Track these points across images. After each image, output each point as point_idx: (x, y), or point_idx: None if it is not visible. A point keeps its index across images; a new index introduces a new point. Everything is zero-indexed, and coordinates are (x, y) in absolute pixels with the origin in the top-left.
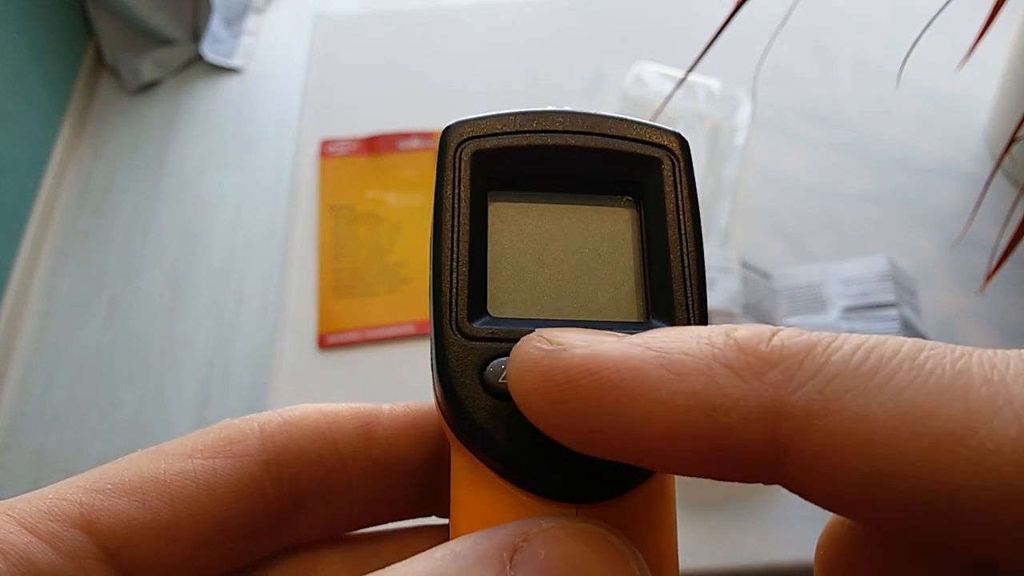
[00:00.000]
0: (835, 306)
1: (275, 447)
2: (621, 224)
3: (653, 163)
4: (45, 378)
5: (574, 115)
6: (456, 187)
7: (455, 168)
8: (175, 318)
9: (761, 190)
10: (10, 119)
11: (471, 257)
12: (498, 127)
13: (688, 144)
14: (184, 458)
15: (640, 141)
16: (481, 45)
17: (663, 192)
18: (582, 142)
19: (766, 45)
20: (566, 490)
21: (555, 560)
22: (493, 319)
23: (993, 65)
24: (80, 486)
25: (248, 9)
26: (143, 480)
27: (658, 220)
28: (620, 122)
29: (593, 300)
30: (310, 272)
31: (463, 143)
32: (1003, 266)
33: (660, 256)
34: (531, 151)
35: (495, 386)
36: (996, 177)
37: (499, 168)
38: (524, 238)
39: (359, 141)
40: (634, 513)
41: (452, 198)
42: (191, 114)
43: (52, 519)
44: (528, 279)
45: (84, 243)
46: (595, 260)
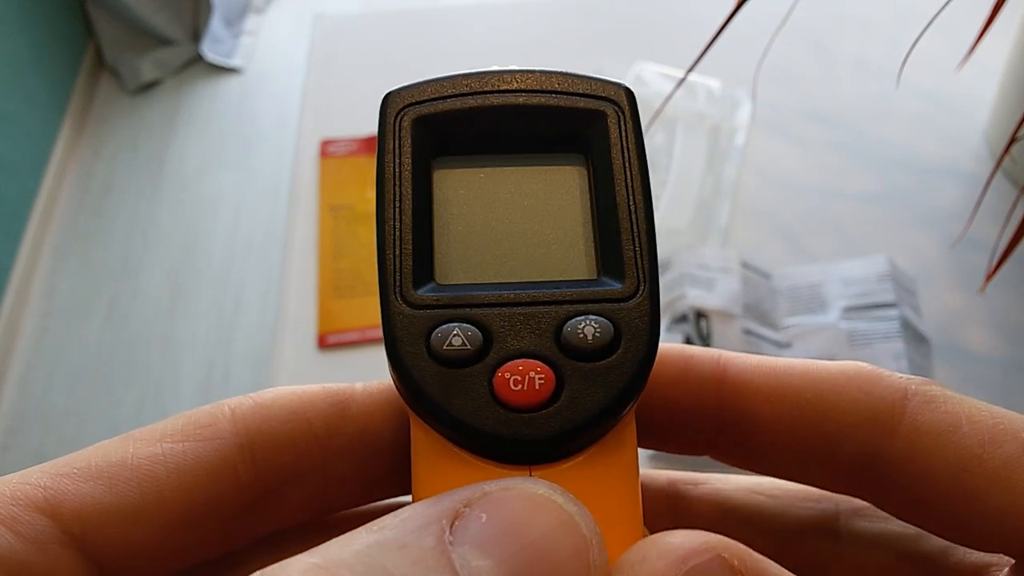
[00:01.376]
0: (835, 306)
1: (247, 429)
2: (569, 181)
3: (598, 116)
4: (45, 378)
5: (515, 73)
6: (397, 155)
7: (395, 136)
8: (175, 318)
9: (761, 190)
10: (10, 119)
11: (415, 225)
12: (438, 91)
13: (634, 95)
14: (153, 442)
15: (584, 95)
16: (481, 45)
17: (609, 146)
18: (525, 100)
19: (766, 45)
20: (518, 453)
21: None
22: (439, 286)
23: (993, 65)
24: (45, 471)
25: (248, 9)
26: (110, 464)
27: (605, 175)
28: (563, 77)
29: (543, 261)
30: (310, 272)
31: (403, 110)
32: (1003, 266)
33: (608, 211)
34: (473, 113)
35: (441, 353)
36: (996, 177)
37: (441, 133)
38: (470, 203)
39: (359, 141)
40: (589, 473)
41: (393, 166)
42: (191, 114)
43: (13, 503)
44: (475, 244)
45: (84, 243)
46: (544, 220)
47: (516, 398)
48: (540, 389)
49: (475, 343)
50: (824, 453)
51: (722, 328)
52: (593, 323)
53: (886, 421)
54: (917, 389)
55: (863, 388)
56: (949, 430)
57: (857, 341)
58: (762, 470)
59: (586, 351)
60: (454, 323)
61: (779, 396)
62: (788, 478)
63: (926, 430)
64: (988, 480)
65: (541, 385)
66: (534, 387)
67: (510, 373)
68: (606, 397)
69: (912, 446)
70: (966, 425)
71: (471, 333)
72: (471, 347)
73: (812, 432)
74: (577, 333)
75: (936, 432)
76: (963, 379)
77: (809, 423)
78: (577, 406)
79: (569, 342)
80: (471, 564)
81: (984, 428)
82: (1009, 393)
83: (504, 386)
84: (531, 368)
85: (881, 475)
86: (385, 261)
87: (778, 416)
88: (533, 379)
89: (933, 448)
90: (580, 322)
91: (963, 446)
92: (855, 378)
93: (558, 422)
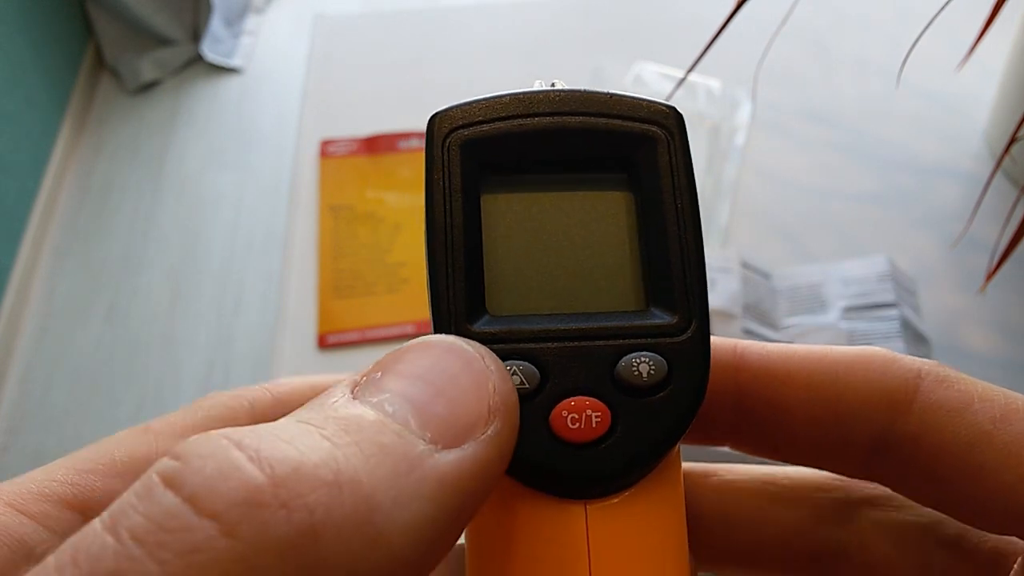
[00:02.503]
0: (835, 306)
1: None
2: (618, 207)
3: (647, 140)
4: (45, 378)
5: (563, 94)
6: (447, 180)
7: (444, 160)
8: (175, 318)
9: (761, 190)
10: (10, 119)
11: (467, 255)
12: (485, 113)
13: (683, 117)
14: (173, 437)
15: (634, 119)
16: (481, 45)
17: (658, 171)
18: (573, 123)
19: (766, 45)
20: (574, 487)
21: (400, 371)
22: (493, 319)
23: (993, 65)
24: (69, 467)
25: (248, 9)
26: (134, 460)
27: (654, 201)
28: (612, 98)
29: (592, 291)
30: (310, 272)
31: (451, 133)
32: (1003, 266)
33: (658, 240)
34: (521, 136)
35: None
36: (996, 177)
37: (489, 156)
38: (519, 230)
39: (359, 141)
40: (642, 505)
41: (444, 192)
42: (191, 114)
43: (43, 500)
44: (526, 273)
45: (84, 243)
46: (593, 248)
47: (573, 435)
48: (596, 427)
49: (532, 380)
50: (841, 434)
51: (722, 328)
52: (647, 360)
53: (900, 400)
54: (930, 370)
55: (878, 369)
56: (961, 407)
57: (857, 341)
58: (781, 456)
59: (641, 388)
60: (511, 360)
61: (796, 379)
62: (807, 463)
63: (938, 407)
64: (998, 457)
65: (598, 423)
66: (591, 424)
67: (567, 411)
68: (659, 432)
69: (925, 424)
70: (978, 403)
71: (528, 370)
72: (529, 385)
73: (829, 413)
74: (632, 370)
75: (948, 409)
76: None
77: (826, 404)
78: (631, 441)
79: (623, 378)
80: (373, 400)
81: (996, 406)
82: None
83: (561, 423)
84: (587, 405)
85: (896, 454)
86: (438, 294)
87: (796, 398)
88: (590, 417)
89: (945, 425)
90: (634, 359)
91: (974, 423)
92: (871, 360)
93: (613, 457)
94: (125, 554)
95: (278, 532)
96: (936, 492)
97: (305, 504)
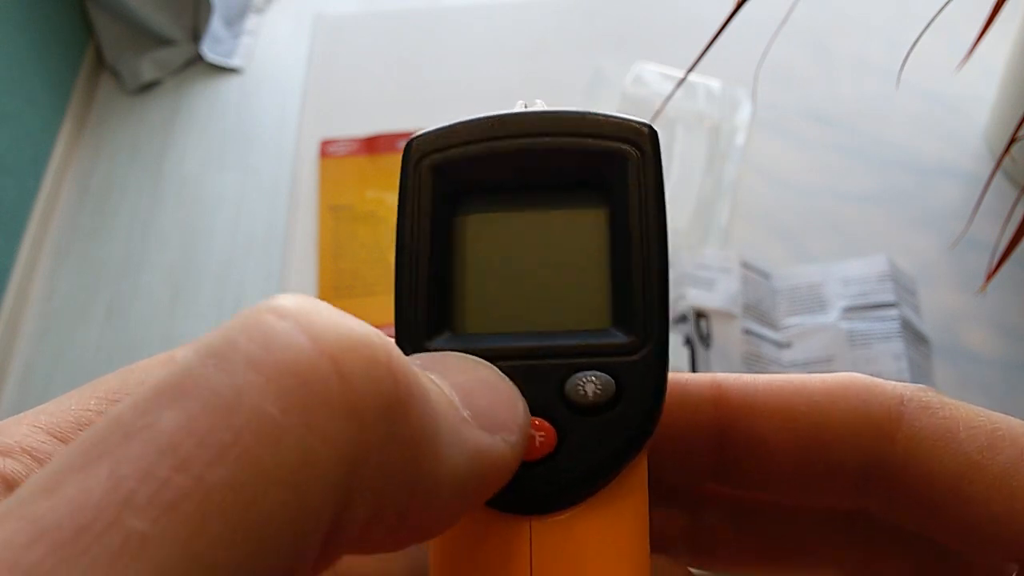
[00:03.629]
0: (835, 306)
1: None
2: (590, 226)
3: (617, 158)
4: (45, 378)
5: (533, 116)
6: (416, 202)
7: (415, 183)
8: (175, 318)
9: (761, 190)
10: (10, 119)
11: (431, 274)
12: (458, 137)
13: (656, 133)
14: None
15: (605, 137)
16: (481, 45)
17: (627, 188)
18: (543, 143)
19: (766, 45)
20: (519, 504)
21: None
22: (454, 336)
23: (993, 65)
24: (100, 396)
25: (248, 9)
26: None
27: (623, 219)
28: (584, 118)
29: (558, 310)
30: (310, 272)
31: (422, 157)
32: (1003, 266)
33: (623, 258)
34: (491, 159)
35: None
36: (996, 177)
37: (461, 179)
38: (490, 250)
39: (359, 141)
40: (592, 520)
41: (412, 214)
42: (191, 114)
43: (80, 428)
44: (493, 292)
45: (84, 243)
46: (563, 267)
47: None
48: (540, 446)
49: None
50: (827, 465)
51: (722, 328)
52: (593, 379)
53: (884, 428)
54: (913, 395)
55: (859, 396)
56: (947, 436)
57: (857, 341)
58: (767, 492)
59: (586, 407)
60: None
61: (776, 410)
62: (792, 498)
63: (924, 436)
64: (988, 487)
65: (541, 442)
66: (534, 443)
67: None
68: (605, 452)
69: (911, 453)
70: (964, 431)
71: None
72: None
73: (811, 444)
74: (577, 389)
75: (934, 438)
76: (963, 379)
77: (807, 435)
78: (574, 460)
79: (570, 398)
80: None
81: (982, 434)
82: (1009, 393)
83: None
84: (533, 425)
85: (883, 484)
86: (400, 309)
87: (777, 430)
88: (533, 436)
89: (932, 454)
90: (581, 377)
91: (961, 453)
92: (850, 387)
93: (556, 476)
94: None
95: (384, 389)
96: (925, 520)
97: (406, 377)
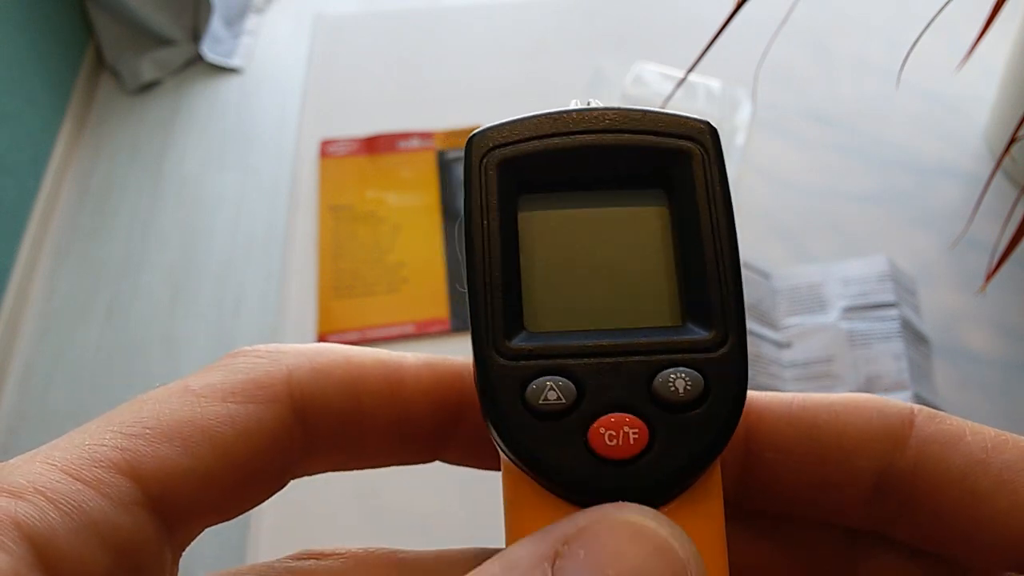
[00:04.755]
0: (835, 306)
1: (303, 395)
2: (653, 223)
3: (683, 155)
4: (45, 378)
5: (598, 113)
6: (484, 200)
7: (481, 179)
8: (175, 318)
9: (761, 190)
10: (10, 119)
11: (504, 272)
12: (522, 132)
13: (718, 132)
14: (218, 401)
15: (668, 134)
16: (481, 45)
17: (694, 186)
18: (609, 140)
19: (766, 45)
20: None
21: (594, 557)
22: (531, 335)
23: (993, 65)
24: (115, 430)
25: (248, 9)
26: (181, 424)
27: (690, 216)
28: (647, 115)
29: (629, 307)
30: (310, 272)
31: (488, 152)
32: (1003, 266)
33: (694, 255)
34: (557, 155)
35: (537, 407)
36: (996, 177)
37: (526, 175)
38: (556, 247)
39: (359, 141)
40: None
41: (481, 211)
42: (191, 114)
43: (95, 465)
44: (563, 290)
45: (84, 243)
46: (629, 264)
47: (611, 452)
48: (634, 443)
49: (569, 397)
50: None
51: None
52: (684, 375)
53: (897, 435)
54: (922, 408)
55: (874, 409)
56: (954, 439)
57: (857, 341)
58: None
59: (677, 404)
60: (548, 376)
61: (797, 420)
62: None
63: (932, 440)
64: (992, 483)
65: (635, 439)
66: (628, 441)
67: (605, 428)
68: (696, 448)
69: (921, 456)
70: (969, 435)
71: (565, 386)
72: (566, 401)
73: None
74: (668, 386)
75: (942, 442)
76: (963, 379)
77: (827, 442)
78: (668, 458)
79: (660, 394)
80: None
81: (986, 437)
82: (1009, 393)
83: (599, 440)
84: (624, 422)
85: (895, 491)
86: (476, 311)
87: (801, 440)
88: (627, 433)
89: (940, 456)
90: (671, 374)
91: (967, 452)
92: (867, 401)
93: (649, 474)
94: None
95: None
96: (933, 526)
97: None
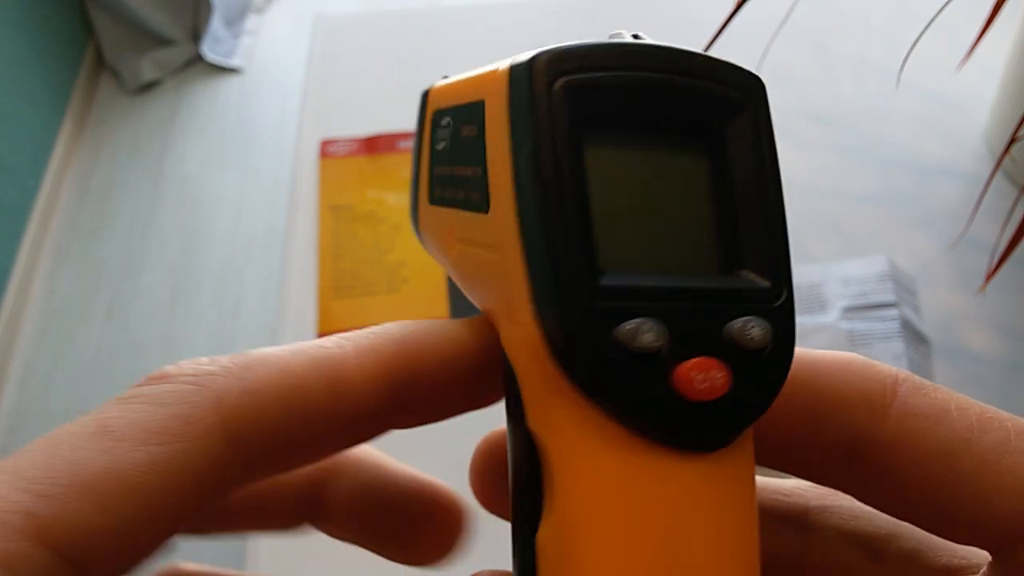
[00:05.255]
0: (835, 306)
1: (236, 420)
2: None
3: (742, 106)
4: (45, 378)
5: (666, 51)
6: (552, 129)
7: (548, 106)
8: (175, 318)
9: None
10: (10, 119)
11: (579, 210)
12: (589, 61)
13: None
14: (139, 445)
15: (728, 83)
16: (481, 45)
17: (749, 138)
18: (681, 82)
19: (766, 45)
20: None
21: None
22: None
23: (993, 65)
24: (21, 488)
25: (248, 9)
26: (97, 477)
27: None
28: (708, 61)
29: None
30: (310, 272)
31: (555, 78)
32: (1003, 266)
33: (749, 206)
34: (628, 88)
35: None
36: (996, 177)
37: (589, 108)
38: (621, 187)
39: (359, 141)
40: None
41: (553, 144)
42: (191, 114)
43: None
44: (631, 231)
45: (84, 243)
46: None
47: (699, 394)
48: (719, 386)
49: (662, 338)
50: (819, 435)
51: None
52: (758, 325)
53: (878, 403)
54: (907, 377)
55: (856, 372)
56: (939, 414)
57: (857, 341)
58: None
59: (751, 350)
60: (641, 318)
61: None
62: (783, 468)
63: (916, 414)
64: (976, 464)
65: (721, 382)
66: (715, 384)
67: (695, 371)
68: (765, 393)
69: (903, 429)
70: (955, 411)
71: (659, 327)
72: (659, 342)
73: (807, 413)
74: (746, 334)
75: (926, 416)
76: (963, 379)
77: (804, 403)
78: (743, 400)
79: (737, 340)
80: None
81: (972, 415)
82: (1009, 393)
83: (688, 381)
84: (712, 365)
85: (871, 459)
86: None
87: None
88: (714, 376)
89: (923, 431)
90: (748, 322)
91: (952, 430)
92: (849, 364)
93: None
94: None
95: None
96: (908, 499)
97: None
